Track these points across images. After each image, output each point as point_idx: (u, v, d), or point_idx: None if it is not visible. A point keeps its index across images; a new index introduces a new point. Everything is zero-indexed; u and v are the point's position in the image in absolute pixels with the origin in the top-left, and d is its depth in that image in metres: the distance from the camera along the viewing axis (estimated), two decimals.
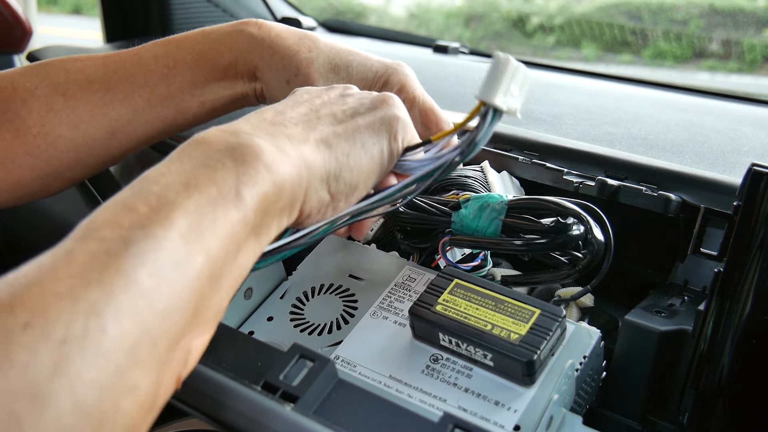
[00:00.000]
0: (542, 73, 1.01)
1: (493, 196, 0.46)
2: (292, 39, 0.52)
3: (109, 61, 0.52)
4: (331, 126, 0.38)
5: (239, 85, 0.53)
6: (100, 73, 0.52)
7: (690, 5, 4.22)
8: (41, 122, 0.50)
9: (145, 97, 0.52)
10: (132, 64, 0.52)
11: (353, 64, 0.52)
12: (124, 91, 0.51)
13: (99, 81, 0.51)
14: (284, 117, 0.38)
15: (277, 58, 0.51)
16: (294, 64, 0.51)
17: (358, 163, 0.38)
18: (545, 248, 0.44)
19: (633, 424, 0.44)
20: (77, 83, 0.51)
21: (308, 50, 0.52)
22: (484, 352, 0.39)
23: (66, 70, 0.52)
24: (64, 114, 0.51)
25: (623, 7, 4.49)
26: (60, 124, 0.51)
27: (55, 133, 0.51)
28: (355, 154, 0.38)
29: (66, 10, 6.72)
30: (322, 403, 0.36)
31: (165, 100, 0.52)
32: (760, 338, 0.39)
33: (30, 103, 0.50)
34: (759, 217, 0.39)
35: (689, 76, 4.01)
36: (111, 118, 0.51)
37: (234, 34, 0.52)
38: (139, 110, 0.52)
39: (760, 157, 0.62)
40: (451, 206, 0.47)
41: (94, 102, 0.51)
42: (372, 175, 0.40)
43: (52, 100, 0.51)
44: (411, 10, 5.64)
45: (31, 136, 0.50)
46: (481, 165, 0.55)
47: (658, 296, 0.48)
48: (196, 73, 0.52)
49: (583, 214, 0.43)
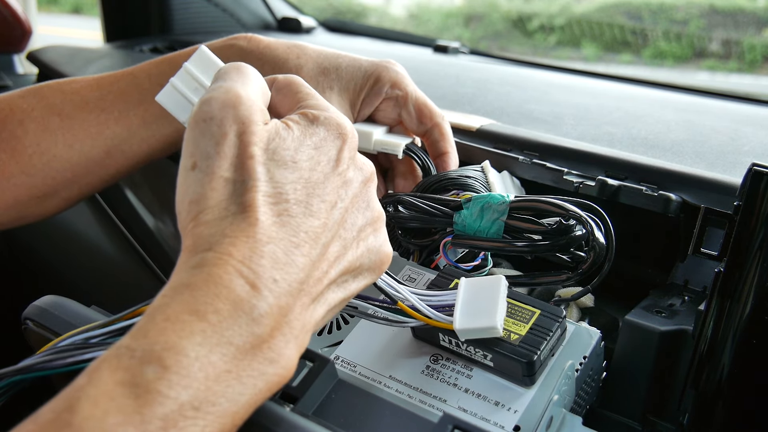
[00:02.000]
0: (542, 73, 1.01)
1: (494, 196, 0.46)
2: (280, 49, 0.53)
3: (103, 82, 0.53)
4: (336, 291, 0.34)
5: None
6: (95, 93, 0.53)
7: (690, 5, 4.23)
8: (37, 142, 0.51)
9: (140, 116, 0.52)
10: (126, 83, 0.53)
11: (342, 66, 0.53)
12: (119, 111, 0.52)
13: (94, 101, 0.52)
14: (320, 278, 0.32)
15: (267, 69, 0.52)
16: (284, 72, 0.52)
17: (316, 321, 0.33)
18: (548, 250, 0.44)
19: (633, 424, 0.44)
20: (72, 103, 0.52)
21: (296, 57, 0.53)
22: (484, 353, 0.39)
23: (62, 92, 0.53)
24: (60, 134, 0.52)
25: (623, 7, 4.50)
26: (56, 143, 0.52)
27: (51, 153, 0.51)
28: (324, 317, 0.34)
29: (66, 9, 6.73)
30: (321, 404, 0.36)
31: (159, 119, 0.53)
32: (760, 338, 0.39)
33: (26, 124, 0.51)
34: (759, 217, 0.39)
35: (689, 76, 4.01)
36: (106, 137, 0.52)
37: (225, 49, 0.53)
38: (134, 129, 0.53)
39: (761, 157, 0.62)
40: (452, 206, 0.47)
41: (90, 121, 0.52)
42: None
43: (48, 120, 0.52)
44: (411, 10, 5.65)
45: (27, 156, 0.51)
46: (482, 165, 0.55)
47: (658, 296, 0.48)
48: None
49: (585, 217, 0.43)
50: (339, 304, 0.34)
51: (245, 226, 0.30)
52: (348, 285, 0.34)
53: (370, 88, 0.53)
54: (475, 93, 0.82)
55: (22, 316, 0.38)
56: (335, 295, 0.33)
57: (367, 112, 0.55)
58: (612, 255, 0.44)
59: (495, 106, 0.76)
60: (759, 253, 0.39)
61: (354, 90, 0.53)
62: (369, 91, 0.53)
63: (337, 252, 0.33)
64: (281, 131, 0.33)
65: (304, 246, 0.31)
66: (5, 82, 0.93)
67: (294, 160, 0.32)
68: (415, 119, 0.54)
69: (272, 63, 0.52)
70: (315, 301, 0.32)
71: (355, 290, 0.35)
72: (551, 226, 0.44)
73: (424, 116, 0.54)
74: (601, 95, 0.85)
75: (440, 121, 0.54)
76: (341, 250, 0.33)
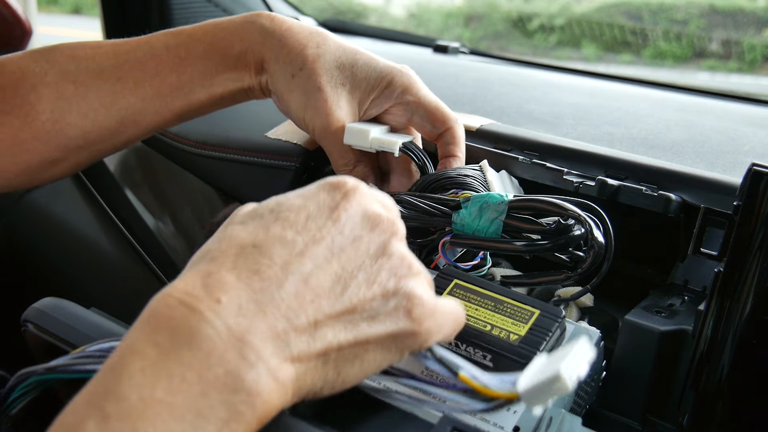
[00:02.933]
0: (542, 73, 1.01)
1: (493, 195, 0.46)
2: (302, 34, 0.52)
3: (119, 50, 0.52)
4: (338, 333, 0.30)
5: (246, 78, 0.53)
6: (110, 61, 0.52)
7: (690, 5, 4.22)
8: (51, 109, 0.50)
9: (155, 87, 0.52)
10: (143, 53, 0.52)
11: (358, 64, 0.53)
12: (134, 81, 0.51)
13: (110, 69, 0.51)
14: (302, 303, 0.29)
15: (285, 52, 0.51)
16: (300, 58, 0.51)
17: (347, 381, 0.31)
18: (547, 250, 0.44)
19: (633, 424, 0.44)
20: (88, 71, 0.51)
21: (316, 46, 0.52)
22: (483, 353, 0.39)
23: (75, 57, 0.52)
24: (75, 102, 0.51)
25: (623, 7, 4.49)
26: (70, 111, 0.51)
27: (65, 121, 0.51)
28: (348, 372, 0.31)
29: (66, 9, 6.73)
30: (321, 404, 0.36)
31: (174, 91, 0.52)
32: (760, 338, 0.38)
33: (40, 90, 0.50)
34: (759, 217, 0.39)
35: (689, 76, 4.01)
36: (120, 107, 0.51)
37: (246, 25, 0.52)
38: (149, 100, 0.52)
39: (761, 157, 0.62)
40: (451, 206, 0.47)
41: (105, 90, 0.51)
42: (351, 385, 0.32)
43: (63, 87, 0.51)
44: (411, 10, 5.64)
45: (40, 123, 0.50)
46: (480, 164, 0.55)
47: (658, 296, 0.48)
48: (207, 63, 0.52)
49: (584, 216, 0.43)
50: (350, 346, 0.30)
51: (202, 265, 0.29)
52: (358, 327, 0.30)
53: (381, 91, 0.53)
54: (475, 93, 0.82)
55: (22, 318, 0.38)
56: (339, 334, 0.30)
57: (374, 112, 0.55)
58: (611, 254, 0.43)
59: (495, 106, 0.76)
60: (759, 253, 0.38)
61: (365, 89, 0.53)
62: (380, 93, 0.53)
63: (327, 283, 0.30)
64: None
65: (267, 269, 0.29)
66: None
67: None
68: (429, 123, 0.54)
69: (290, 47, 0.51)
70: (301, 330, 0.28)
71: (374, 336, 0.31)
72: (550, 225, 0.44)
73: (437, 120, 0.54)
74: (601, 95, 0.85)
75: (453, 124, 0.54)
76: (333, 283, 0.30)
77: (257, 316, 0.27)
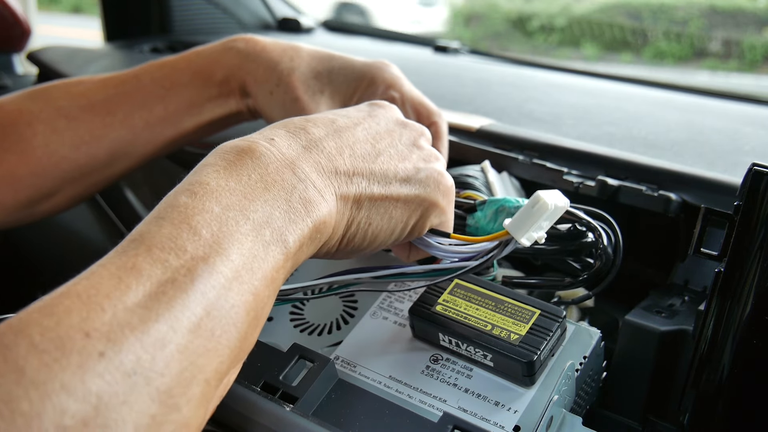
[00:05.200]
0: (542, 73, 1.01)
1: (509, 200, 0.46)
2: (275, 51, 0.53)
3: (109, 84, 0.54)
4: (371, 184, 0.36)
5: (232, 103, 0.54)
6: (101, 95, 0.54)
7: (690, 5, 4.23)
8: (45, 143, 0.52)
9: (144, 119, 0.53)
10: (131, 86, 0.54)
11: (335, 69, 0.53)
12: (123, 113, 0.53)
13: (100, 103, 0.53)
14: (341, 154, 0.36)
15: (261, 71, 0.52)
16: (275, 74, 0.52)
17: (375, 232, 0.37)
18: (558, 255, 0.44)
19: (633, 424, 0.44)
20: (79, 106, 0.53)
21: (290, 59, 0.53)
22: (484, 353, 0.39)
23: (69, 93, 0.54)
24: (67, 135, 0.53)
25: (623, 7, 4.50)
26: (63, 144, 0.53)
27: (59, 154, 0.53)
28: (377, 223, 0.37)
29: (66, 9, 6.73)
30: (321, 404, 0.36)
31: (163, 121, 0.54)
32: (760, 338, 0.38)
33: (35, 126, 0.52)
34: (759, 217, 0.39)
35: (689, 76, 4.01)
36: (111, 139, 0.53)
37: (224, 51, 0.54)
38: (138, 131, 0.54)
39: (761, 157, 0.62)
40: (465, 209, 0.47)
41: (95, 123, 0.53)
42: (383, 244, 0.39)
43: (56, 122, 0.53)
44: None
45: (36, 158, 0.52)
46: (482, 165, 0.55)
47: (658, 296, 0.48)
48: (192, 93, 0.54)
49: (594, 225, 0.44)
50: (382, 199, 0.37)
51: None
52: (391, 186, 0.37)
53: (363, 90, 0.53)
54: (475, 93, 0.82)
55: None
56: (373, 186, 0.36)
57: None
58: (619, 263, 0.44)
59: (495, 106, 0.76)
60: (759, 253, 0.38)
61: (346, 92, 0.53)
62: (363, 92, 0.53)
63: (362, 151, 0.37)
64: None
65: (313, 129, 0.36)
66: (5, 82, 0.93)
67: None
68: (414, 119, 0.54)
69: (265, 65, 0.52)
70: (340, 173, 0.35)
71: (404, 195, 0.37)
72: (563, 231, 0.45)
73: (421, 115, 0.53)
74: (601, 95, 0.85)
75: (437, 119, 0.54)
76: (367, 153, 0.37)
77: (304, 152, 0.34)
